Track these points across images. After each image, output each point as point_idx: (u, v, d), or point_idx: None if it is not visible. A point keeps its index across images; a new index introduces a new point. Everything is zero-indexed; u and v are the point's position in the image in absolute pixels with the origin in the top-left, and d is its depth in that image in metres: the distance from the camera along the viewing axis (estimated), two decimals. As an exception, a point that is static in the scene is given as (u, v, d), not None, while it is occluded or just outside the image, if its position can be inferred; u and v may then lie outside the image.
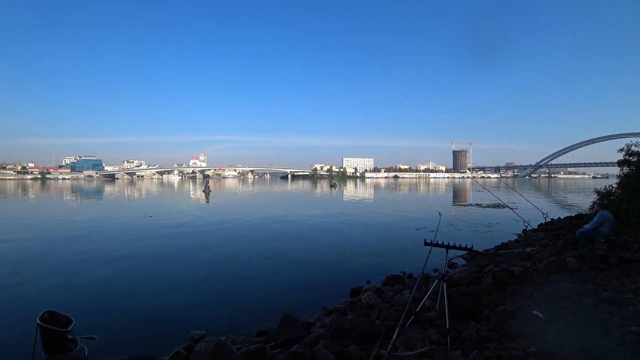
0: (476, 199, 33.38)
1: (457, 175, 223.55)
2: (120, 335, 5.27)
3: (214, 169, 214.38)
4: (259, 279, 7.96)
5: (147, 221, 17.69)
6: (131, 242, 12.38)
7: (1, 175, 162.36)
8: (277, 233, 14.42)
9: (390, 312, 4.43)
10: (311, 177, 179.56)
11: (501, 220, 17.38)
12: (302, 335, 3.99)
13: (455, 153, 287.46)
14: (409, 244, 11.68)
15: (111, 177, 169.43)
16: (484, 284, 5.45)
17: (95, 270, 8.65)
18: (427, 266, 4.36)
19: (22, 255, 10.33)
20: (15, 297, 6.79)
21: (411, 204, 31.27)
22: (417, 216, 19.81)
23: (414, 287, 3.55)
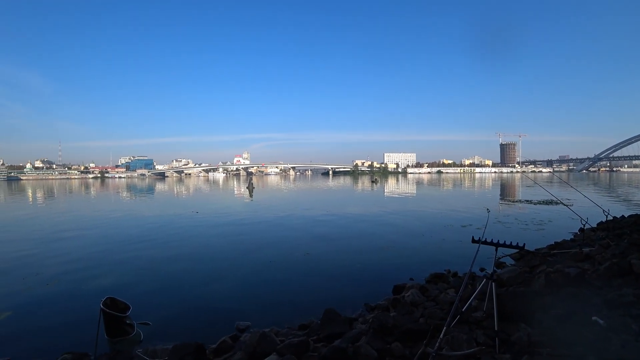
0: (526, 195, 31.47)
1: (505, 170, 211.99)
2: (171, 322, 5.64)
3: (256, 166, 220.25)
4: (302, 274, 8.12)
5: (194, 217, 18.64)
6: (180, 236, 13.14)
7: (68, 175, 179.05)
8: (319, 229, 14.58)
9: (435, 311, 4.33)
10: (352, 173, 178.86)
11: (554, 218, 16.27)
12: (344, 330, 4.03)
13: (502, 146, 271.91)
14: (454, 242, 11.31)
15: (161, 176, 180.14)
16: (536, 285, 5.16)
17: (149, 262, 9.30)
18: (474, 264, 4.21)
19: (86, 247, 11.36)
20: (81, 284, 7.49)
21: (455, 200, 30.14)
22: (462, 213, 19.09)
23: (461, 286, 3.44)
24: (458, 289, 6.04)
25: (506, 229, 13.50)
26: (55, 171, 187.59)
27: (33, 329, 5.53)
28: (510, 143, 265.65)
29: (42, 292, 7.09)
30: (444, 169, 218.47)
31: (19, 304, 6.45)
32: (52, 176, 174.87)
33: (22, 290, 7.22)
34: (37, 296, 6.86)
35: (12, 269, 8.85)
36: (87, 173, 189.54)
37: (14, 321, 5.79)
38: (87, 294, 6.89)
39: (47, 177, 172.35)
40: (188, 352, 3.60)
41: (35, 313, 6.09)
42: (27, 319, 5.87)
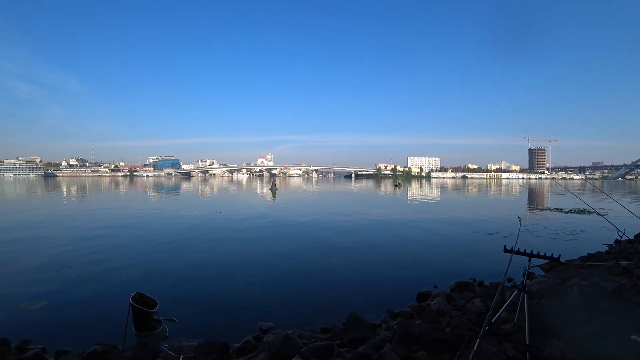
0: (556, 202, 30.25)
1: (533, 176, 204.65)
2: (196, 319, 5.75)
3: (279, 168, 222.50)
4: (324, 277, 8.10)
5: (218, 216, 19.00)
6: (204, 235, 13.41)
7: (99, 173, 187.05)
8: (341, 232, 14.53)
9: (462, 321, 4.21)
10: (375, 177, 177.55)
11: (587, 228, 15.54)
12: (368, 336, 3.99)
13: (531, 151, 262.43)
14: (479, 250, 11.01)
15: (187, 175, 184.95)
16: (569, 298, 4.94)
17: (175, 260, 9.53)
18: (496, 274, 4.02)
19: (116, 243, 11.77)
20: (110, 279, 7.77)
21: (480, 206, 29.32)
22: (488, 220, 18.55)
23: (494, 296, 3.32)
24: (484, 298, 5.87)
25: (535, 238, 13.01)
26: (87, 169, 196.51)
27: (66, 318, 5.78)
28: (540, 148, 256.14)
29: (75, 284, 7.40)
30: (469, 173, 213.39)
31: (53, 295, 6.75)
32: (85, 174, 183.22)
33: (56, 281, 7.56)
34: (70, 288, 7.16)
35: (47, 261, 9.28)
36: (117, 171, 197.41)
37: (49, 311, 6.07)
38: (116, 289, 7.13)
39: (80, 174, 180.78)
40: (213, 350, 3.66)
41: (68, 304, 6.36)
42: (60, 309, 6.14)
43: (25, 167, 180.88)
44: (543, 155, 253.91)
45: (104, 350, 4.49)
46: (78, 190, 48.26)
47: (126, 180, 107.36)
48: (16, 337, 4.95)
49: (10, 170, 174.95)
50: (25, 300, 6.46)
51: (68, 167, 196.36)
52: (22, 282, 7.58)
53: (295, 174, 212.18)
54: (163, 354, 4.21)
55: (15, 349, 4.71)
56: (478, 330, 3.60)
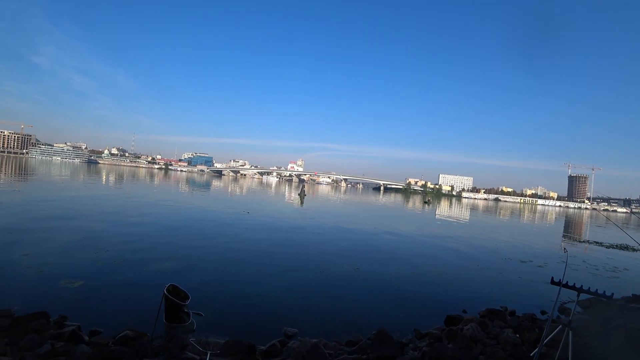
0: (595, 235, 28.42)
1: (572, 205, 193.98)
2: (222, 316, 5.83)
3: (309, 174, 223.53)
4: (350, 288, 8.01)
5: (247, 217, 19.33)
6: (234, 234, 13.70)
7: (137, 163, 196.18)
8: (369, 244, 14.39)
9: (497, 350, 4.01)
10: (404, 191, 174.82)
11: (632, 266, 14.51)
12: (395, 354, 3.89)
13: (571, 179, 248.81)
14: (512, 277, 10.53)
15: (219, 173, 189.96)
16: (612, 341, 4.60)
17: (203, 255, 9.76)
18: (529, 305, 3.73)
19: (149, 233, 12.25)
20: (143, 267, 8.06)
21: (514, 232, 28.06)
22: (522, 247, 17.71)
23: (545, 328, 3.14)
24: (517, 329, 5.58)
25: (572, 272, 12.25)
26: (127, 159, 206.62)
27: (100, 300, 6.03)
28: (581, 176, 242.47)
29: (110, 268, 7.73)
30: (502, 196, 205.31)
31: (89, 276, 7.08)
32: (124, 163, 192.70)
33: (93, 263, 7.93)
34: (106, 271, 7.49)
35: (85, 243, 9.76)
36: (154, 163, 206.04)
37: (85, 291, 6.36)
38: (147, 277, 7.39)
39: (120, 163, 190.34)
40: (239, 349, 3.70)
41: (103, 286, 6.63)
42: (96, 290, 6.43)
43: (72, 152, 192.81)
44: (585, 183, 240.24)
45: (134, 336, 4.65)
46: (117, 178, 50.81)
47: (161, 173, 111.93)
48: (54, 312, 5.23)
49: (58, 153, 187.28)
50: (64, 278, 6.81)
51: (109, 155, 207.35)
52: (62, 260, 7.99)
53: (324, 181, 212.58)
54: (190, 347, 4.30)
55: (54, 323, 4.97)
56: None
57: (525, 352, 3.60)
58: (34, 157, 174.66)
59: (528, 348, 3.69)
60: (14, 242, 9.19)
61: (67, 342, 4.37)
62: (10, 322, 4.72)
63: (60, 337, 4.53)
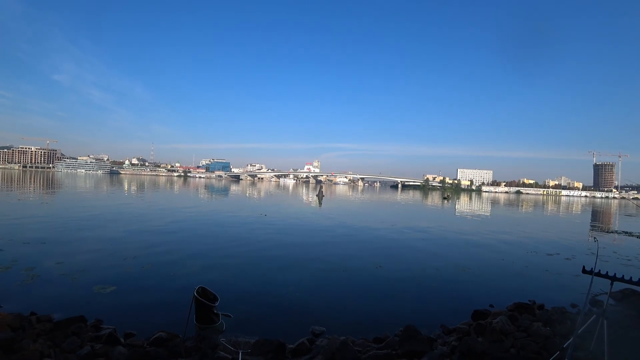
0: (625, 225, 27.42)
1: (598, 195, 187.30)
2: (251, 317, 5.96)
3: (326, 175, 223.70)
4: (374, 286, 8.04)
5: (267, 220, 19.58)
6: (258, 236, 13.92)
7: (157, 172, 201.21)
8: (390, 242, 14.36)
9: (529, 343, 3.96)
10: (422, 188, 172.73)
11: (667, 256, 13.91)
12: (424, 349, 3.89)
13: (597, 167, 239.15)
14: (538, 270, 10.29)
15: (236, 178, 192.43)
16: (650, 331, 4.45)
17: (228, 258, 9.99)
18: (557, 298, 3.56)
19: (172, 238, 12.59)
20: (171, 271, 8.29)
21: (538, 225, 27.34)
22: (547, 240, 17.27)
23: (579, 317, 3.07)
24: (547, 322, 5.47)
25: (603, 263, 11.87)
26: (147, 168, 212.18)
27: (132, 304, 6.26)
28: (607, 164, 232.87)
29: (140, 273, 8.01)
30: (524, 189, 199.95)
31: (121, 281, 7.34)
32: (144, 172, 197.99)
33: (123, 269, 8.22)
34: (136, 277, 7.76)
35: (114, 250, 10.13)
36: (173, 171, 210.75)
37: (118, 295, 6.62)
38: (176, 281, 7.61)
39: (140, 172, 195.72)
40: (270, 348, 3.78)
41: (134, 291, 6.88)
42: (128, 295, 6.67)
43: (95, 164, 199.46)
44: (611, 171, 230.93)
45: (167, 337, 4.82)
46: (138, 187, 52.25)
47: (180, 180, 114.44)
48: (90, 316, 5.46)
49: (82, 166, 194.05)
50: (96, 284, 7.09)
51: (130, 165, 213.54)
52: (94, 267, 8.33)
53: (341, 181, 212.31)
54: (222, 347, 4.41)
55: (91, 327, 5.19)
56: (546, 354, 3.38)
57: (557, 343, 3.54)
58: (59, 170, 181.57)
59: (560, 340, 3.62)
60: (48, 252, 9.62)
61: (105, 344, 4.56)
62: (51, 327, 4.98)
63: (99, 339, 4.74)
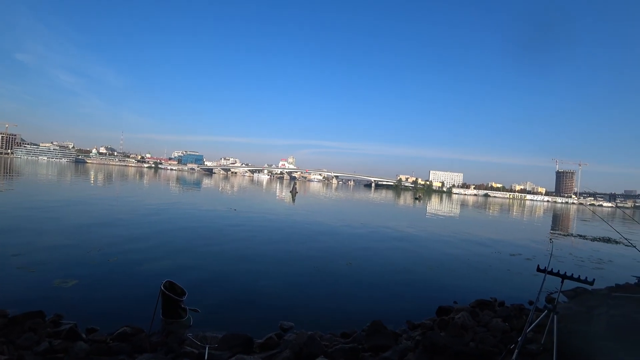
0: (581, 229, 29.15)
1: (559, 200, 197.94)
2: (219, 312, 5.91)
3: (300, 172, 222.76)
4: (343, 283, 8.15)
5: (242, 215, 19.36)
6: (229, 231, 13.75)
7: (126, 162, 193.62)
8: (361, 240, 14.56)
9: (487, 337, 4.17)
10: (395, 188, 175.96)
11: (615, 258, 14.93)
12: (389, 343, 4.02)
13: (559, 174, 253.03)
14: (501, 270, 10.80)
15: (209, 172, 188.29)
16: (596, 327, 4.80)
17: (196, 253, 9.82)
18: (517, 296, 3.84)
19: (140, 231, 12.20)
20: (138, 265, 8.07)
21: (503, 227, 28.65)
22: (511, 241, 18.11)
23: (530, 312, 3.29)
24: (505, 318, 5.77)
25: (559, 264, 12.59)
26: (115, 158, 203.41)
27: (96, 298, 6.05)
28: (568, 171, 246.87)
29: (105, 266, 7.73)
30: (492, 192, 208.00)
31: (84, 275, 7.06)
32: (113, 162, 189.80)
33: (87, 262, 7.91)
34: (100, 270, 7.49)
35: (77, 242, 9.71)
36: (143, 162, 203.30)
37: (80, 289, 6.36)
38: (142, 275, 7.42)
39: (108, 162, 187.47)
40: (238, 342, 3.78)
41: (98, 285, 6.65)
42: (91, 289, 6.43)
43: (59, 151, 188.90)
44: (572, 178, 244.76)
45: (132, 332, 4.70)
46: (106, 178, 50.15)
47: (151, 172, 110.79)
48: (49, 311, 5.24)
49: (44, 153, 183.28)
50: (57, 277, 6.78)
51: (98, 154, 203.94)
52: (54, 260, 7.95)
53: (316, 179, 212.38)
54: (189, 342, 4.36)
55: (50, 322, 4.98)
56: (503, 347, 3.58)
57: (514, 337, 3.77)
58: (19, 157, 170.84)
59: (516, 335, 3.86)
60: (3, 243, 9.08)
61: (65, 340, 4.39)
62: (5, 322, 4.72)
63: (58, 335, 4.55)
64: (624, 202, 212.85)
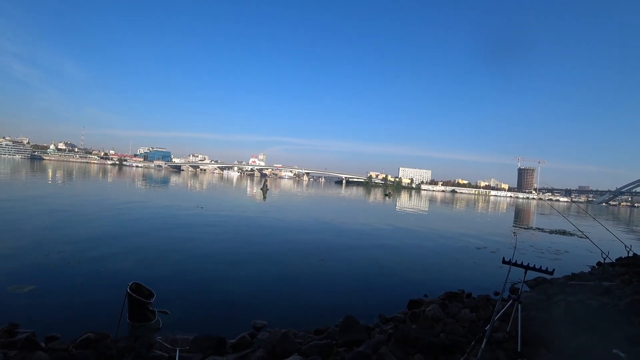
0: (540, 223, 30.87)
1: (521, 195, 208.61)
2: (189, 313, 5.74)
3: (271, 169, 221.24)
4: (316, 280, 8.17)
5: (210, 213, 18.89)
6: (196, 229, 13.38)
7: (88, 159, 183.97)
8: (333, 237, 14.65)
9: (456, 328, 4.33)
10: (365, 185, 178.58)
11: (571, 249, 15.92)
12: (363, 338, 4.07)
13: (521, 171, 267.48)
14: (468, 263, 11.22)
15: (177, 169, 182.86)
16: (556, 313, 5.11)
17: (164, 253, 9.48)
18: (483, 287, 4.04)
19: (103, 231, 11.61)
20: (101, 267, 7.67)
21: (469, 221, 29.77)
22: (476, 235, 18.85)
23: (497, 303, 3.47)
24: (473, 309, 6.01)
25: (521, 255, 13.25)
26: (76, 154, 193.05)
27: (56, 304, 5.70)
28: (529, 168, 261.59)
29: (65, 270, 7.30)
30: (459, 188, 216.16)
31: (42, 279, 6.64)
32: (73, 159, 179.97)
33: (45, 266, 7.44)
34: (60, 273, 7.07)
35: (34, 245, 9.11)
36: (106, 159, 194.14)
37: (38, 295, 5.97)
38: (106, 277, 7.06)
39: (69, 159, 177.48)
40: (210, 344, 3.69)
41: (57, 289, 6.27)
42: (50, 294, 6.06)
43: (12, 147, 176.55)
44: (532, 175, 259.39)
45: (96, 338, 4.46)
46: (65, 175, 47.38)
47: (115, 169, 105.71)
48: (3, 320, 4.89)
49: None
50: (11, 283, 6.33)
51: (56, 150, 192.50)
52: (8, 265, 7.41)
53: (287, 176, 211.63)
54: (158, 345, 4.21)
55: (3, 332, 4.64)
56: (471, 337, 3.73)
57: (481, 327, 3.93)
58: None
59: (483, 324, 4.03)
60: (-50, 247, 8.40)
61: (22, 350, 4.11)
62: (-49, 333, 4.36)
63: (13, 345, 4.25)
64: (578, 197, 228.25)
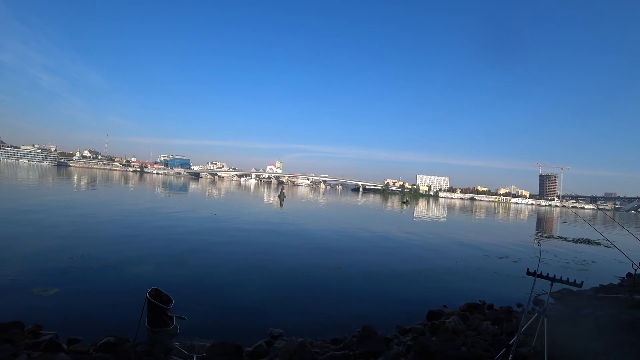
0: (564, 231, 29.78)
1: (543, 203, 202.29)
2: (206, 319, 5.76)
3: (288, 176, 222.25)
4: (333, 288, 8.08)
5: (229, 219, 19.08)
6: (215, 236, 13.53)
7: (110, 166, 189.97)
8: (350, 244, 14.53)
9: (478, 341, 4.17)
10: (382, 192, 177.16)
11: (598, 259, 15.27)
12: (381, 349, 3.98)
13: (542, 178, 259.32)
14: (489, 273, 10.89)
15: (196, 176, 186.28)
16: (584, 328, 4.87)
17: (184, 259, 9.61)
18: (505, 298, 3.85)
19: (126, 236, 11.91)
20: (122, 272, 7.83)
21: (489, 230, 29.01)
22: (497, 244, 18.32)
23: (522, 316, 3.32)
24: (495, 321, 5.80)
25: (545, 266, 12.80)
26: (100, 161, 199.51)
27: (78, 307, 5.83)
28: (551, 175, 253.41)
29: (88, 273, 7.48)
30: (478, 196, 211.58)
31: (65, 282, 6.82)
32: (97, 166, 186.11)
33: (69, 269, 7.63)
34: (83, 277, 7.24)
35: (59, 248, 9.39)
36: (128, 166, 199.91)
37: (61, 298, 6.13)
38: (127, 282, 7.19)
39: (92, 166, 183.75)
40: (226, 351, 3.68)
41: (80, 293, 6.42)
42: (73, 297, 6.20)
43: (40, 154, 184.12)
44: (554, 182, 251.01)
45: (116, 342, 4.54)
46: (90, 182, 49.00)
47: (136, 176, 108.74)
48: (28, 321, 5.02)
49: (25, 156, 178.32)
50: (37, 285, 6.53)
51: (81, 157, 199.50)
52: (34, 267, 7.67)
53: (303, 183, 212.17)
54: (175, 351, 4.23)
55: (29, 333, 4.78)
56: (493, 350, 3.58)
57: (504, 340, 3.77)
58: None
59: (506, 337, 3.87)
60: (-20, 250, 8.74)
61: (45, 351, 4.21)
62: (-20, 333, 4.51)
63: (37, 346, 4.37)
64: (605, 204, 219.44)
